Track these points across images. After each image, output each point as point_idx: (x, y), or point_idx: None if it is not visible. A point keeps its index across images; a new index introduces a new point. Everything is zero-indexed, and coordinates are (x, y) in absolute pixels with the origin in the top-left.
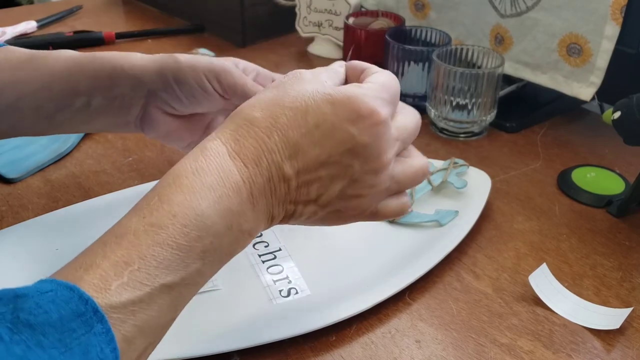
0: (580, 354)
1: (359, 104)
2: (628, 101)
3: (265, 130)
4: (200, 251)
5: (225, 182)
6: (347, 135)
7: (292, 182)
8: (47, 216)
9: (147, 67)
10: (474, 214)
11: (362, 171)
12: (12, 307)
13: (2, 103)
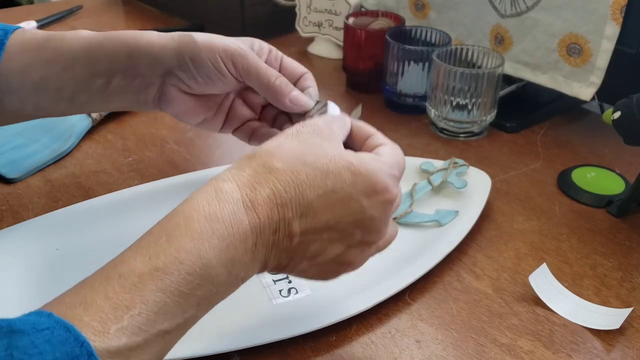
0: (580, 354)
1: (376, 179)
2: (628, 101)
3: (284, 183)
4: (199, 299)
5: (235, 232)
6: (359, 207)
7: (296, 239)
8: (47, 216)
9: (165, 46)
10: (474, 214)
11: (362, 241)
12: (6, 342)
13: (27, 84)
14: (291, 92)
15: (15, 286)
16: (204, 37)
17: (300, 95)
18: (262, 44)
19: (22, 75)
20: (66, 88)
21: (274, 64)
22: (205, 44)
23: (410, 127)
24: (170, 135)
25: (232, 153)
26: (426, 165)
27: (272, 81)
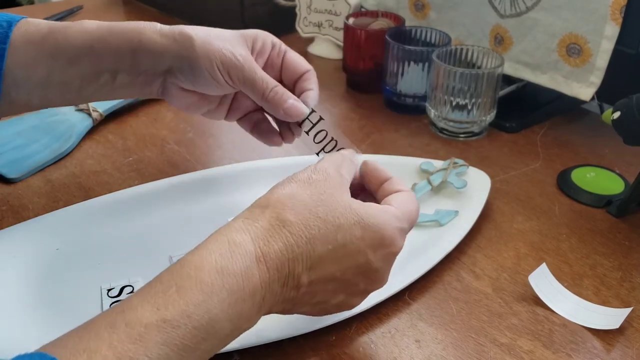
0: (580, 353)
1: (384, 233)
2: (628, 101)
3: (296, 237)
4: (202, 352)
5: (245, 286)
6: (365, 260)
7: (302, 289)
8: (48, 216)
9: (166, 47)
10: (473, 213)
11: (364, 290)
12: None
13: (33, 78)
14: (286, 102)
15: (16, 286)
16: (202, 42)
17: (293, 106)
18: (265, 40)
19: (27, 69)
20: (72, 82)
21: (276, 61)
22: (203, 52)
23: (410, 127)
24: (170, 136)
25: (232, 153)
26: (426, 165)
27: (265, 94)
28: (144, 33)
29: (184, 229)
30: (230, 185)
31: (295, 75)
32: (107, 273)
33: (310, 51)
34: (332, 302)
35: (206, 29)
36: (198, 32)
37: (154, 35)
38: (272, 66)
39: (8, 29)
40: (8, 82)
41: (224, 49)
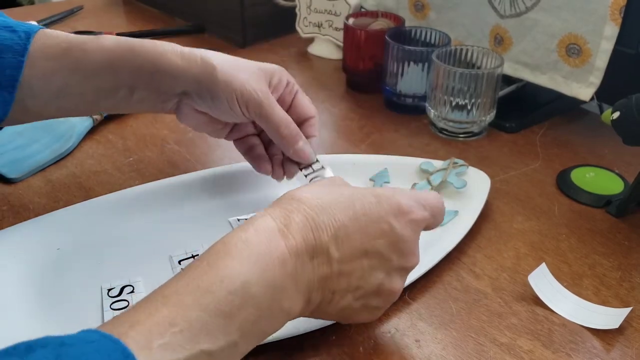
0: (580, 353)
1: (399, 200)
2: (627, 101)
3: (315, 208)
4: (241, 322)
5: (273, 253)
6: (389, 228)
7: (335, 266)
8: (48, 216)
9: (187, 71)
10: (473, 213)
11: (399, 267)
12: (56, 352)
13: (50, 90)
14: (297, 142)
15: (16, 286)
16: (224, 73)
17: (304, 148)
18: (282, 77)
19: (44, 81)
20: (89, 95)
21: (287, 98)
22: (225, 82)
23: (410, 128)
24: (170, 136)
25: (232, 153)
26: (426, 165)
27: (280, 130)
28: (164, 55)
29: (184, 229)
30: (230, 185)
31: (301, 117)
32: (108, 273)
33: (310, 51)
34: (372, 283)
35: (228, 59)
36: (220, 62)
37: (175, 58)
38: (282, 103)
39: (27, 40)
40: (25, 93)
41: (245, 83)
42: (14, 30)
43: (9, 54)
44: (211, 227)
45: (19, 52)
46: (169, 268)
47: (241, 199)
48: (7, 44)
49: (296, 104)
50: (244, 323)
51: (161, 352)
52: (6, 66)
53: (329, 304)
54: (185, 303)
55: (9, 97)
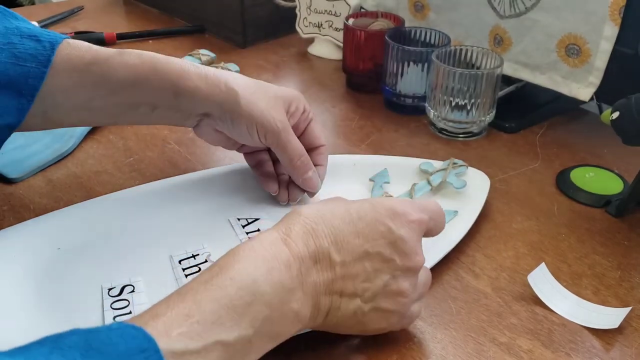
0: (579, 353)
1: (394, 204)
2: (626, 101)
3: (313, 218)
4: (252, 318)
5: (277, 257)
6: (386, 229)
7: (338, 270)
8: (48, 216)
9: (210, 96)
10: (473, 213)
11: (403, 267)
12: (84, 337)
13: (72, 102)
14: (306, 172)
15: (17, 286)
16: (247, 101)
17: (312, 177)
18: (299, 104)
19: (67, 94)
20: (110, 109)
21: (301, 125)
22: (247, 111)
23: (409, 128)
24: (171, 136)
25: (233, 153)
26: (425, 165)
27: (294, 161)
28: (188, 78)
29: (185, 229)
30: (230, 185)
31: (311, 145)
32: (108, 272)
33: (310, 51)
34: (377, 284)
35: (250, 85)
36: (244, 89)
37: (199, 82)
38: (296, 129)
39: (51, 51)
40: (47, 104)
41: (266, 112)
42: (38, 40)
43: (32, 63)
44: (211, 227)
45: (43, 62)
46: (169, 267)
47: (241, 198)
48: (31, 53)
49: (309, 131)
50: (255, 319)
51: (180, 340)
52: (29, 75)
53: (339, 309)
54: (200, 298)
55: (27, 104)
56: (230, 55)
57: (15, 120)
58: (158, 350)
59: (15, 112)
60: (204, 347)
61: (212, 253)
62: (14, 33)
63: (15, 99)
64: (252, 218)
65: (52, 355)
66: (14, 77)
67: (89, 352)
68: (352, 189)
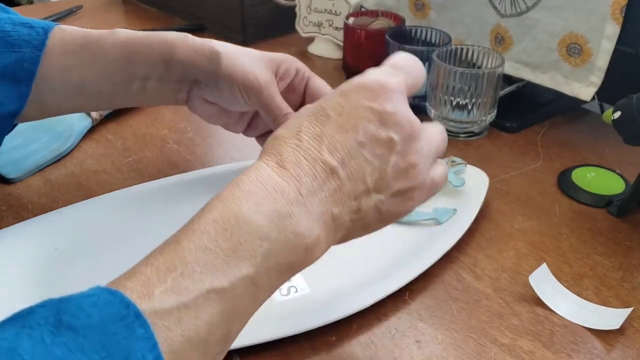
0: (581, 354)
1: (365, 83)
2: (628, 101)
3: (293, 136)
4: (249, 256)
5: (265, 186)
6: (369, 111)
7: (340, 172)
8: (47, 216)
9: (197, 60)
10: (472, 211)
11: (403, 140)
12: (55, 310)
13: (68, 85)
14: None
15: (15, 286)
16: (229, 61)
17: None
18: (289, 66)
19: (62, 76)
20: (105, 90)
21: (298, 86)
22: (228, 70)
23: None
24: (170, 135)
25: (232, 153)
26: None
27: (278, 119)
28: (176, 46)
29: None
30: (227, 184)
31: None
32: (106, 272)
33: (310, 51)
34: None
35: (235, 48)
36: (226, 50)
37: (186, 49)
38: (294, 90)
39: (44, 35)
40: (43, 89)
41: (248, 71)
42: (31, 27)
43: (27, 48)
44: None
45: (37, 46)
46: None
47: None
48: (25, 39)
49: (311, 89)
50: (253, 257)
51: (164, 298)
52: (24, 60)
53: (359, 212)
54: (181, 248)
55: (26, 90)
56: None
57: (17, 107)
58: (139, 314)
59: (16, 99)
60: (195, 299)
61: None
62: (6, 22)
63: (14, 85)
64: None
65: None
66: (10, 64)
67: (59, 328)
68: None
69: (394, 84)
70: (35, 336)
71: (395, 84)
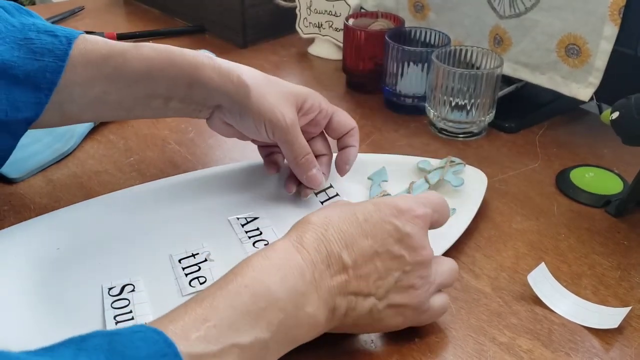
0: (579, 353)
1: (397, 202)
2: (626, 102)
3: (321, 225)
4: (268, 323)
5: (290, 264)
6: (392, 227)
7: (350, 272)
8: (49, 215)
9: (222, 88)
10: (471, 211)
11: (412, 262)
12: (107, 340)
13: (89, 96)
14: (310, 170)
15: (18, 285)
16: (257, 96)
17: (315, 176)
18: (314, 103)
19: (84, 87)
20: (126, 102)
21: (321, 122)
22: (256, 106)
23: (409, 128)
24: (171, 136)
25: (233, 153)
26: (423, 163)
27: (297, 160)
28: (202, 69)
29: (185, 228)
30: (229, 184)
31: (341, 134)
32: (108, 272)
33: (310, 52)
34: (389, 282)
35: (263, 80)
36: (255, 83)
37: (212, 73)
38: (316, 125)
39: (68, 45)
40: (64, 98)
41: (276, 110)
42: (55, 35)
43: (50, 57)
44: (211, 226)
45: (60, 56)
46: (169, 267)
47: (240, 198)
48: (49, 48)
49: (334, 124)
50: (271, 324)
51: (197, 344)
52: (46, 69)
53: (355, 309)
54: (216, 303)
55: (45, 99)
56: (230, 56)
57: (33, 115)
58: (178, 354)
59: (33, 106)
60: (221, 350)
61: (212, 252)
62: (30, 29)
63: (33, 93)
64: (251, 217)
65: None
66: (32, 72)
67: (113, 355)
68: (351, 188)
69: (421, 212)
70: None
71: (421, 213)
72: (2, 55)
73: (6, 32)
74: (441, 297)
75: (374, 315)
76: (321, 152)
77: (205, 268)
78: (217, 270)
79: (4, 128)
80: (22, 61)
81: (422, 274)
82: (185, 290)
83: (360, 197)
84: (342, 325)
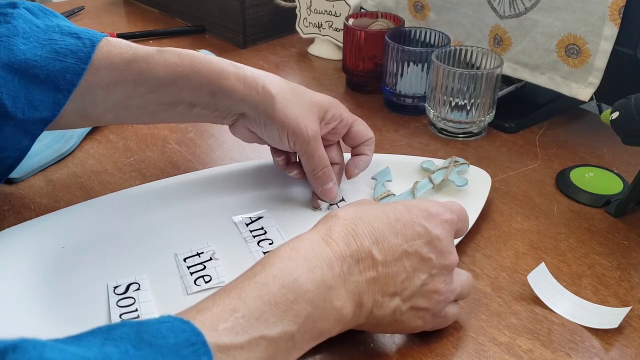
0: (579, 352)
1: (427, 205)
2: (626, 101)
3: (352, 220)
4: (295, 315)
5: (319, 256)
6: (423, 229)
7: (380, 269)
8: (49, 216)
9: (247, 97)
10: (474, 211)
11: (439, 265)
12: (135, 329)
13: (112, 99)
14: (327, 183)
15: (23, 284)
16: (282, 107)
17: (332, 190)
18: (335, 112)
19: (107, 90)
20: (149, 107)
21: (341, 131)
22: (280, 116)
23: (409, 128)
24: (171, 136)
25: (233, 153)
26: (427, 163)
27: (316, 171)
28: (227, 78)
29: (189, 227)
30: (231, 184)
31: (357, 143)
32: (113, 271)
33: (310, 52)
34: (416, 284)
35: (287, 90)
36: (280, 94)
37: (237, 83)
38: (335, 133)
39: (91, 48)
40: (87, 100)
41: (300, 122)
42: (79, 37)
43: (72, 59)
44: (215, 225)
45: (83, 59)
46: (174, 265)
47: (244, 197)
48: (72, 50)
49: (352, 133)
50: (298, 316)
51: (225, 334)
52: (67, 70)
53: (380, 308)
54: (245, 295)
55: (63, 100)
56: (230, 56)
57: (50, 115)
58: (206, 343)
59: (51, 106)
60: (249, 342)
61: (216, 251)
62: (54, 30)
63: (52, 93)
64: (255, 216)
65: (106, 345)
66: (53, 72)
67: (140, 344)
68: (355, 188)
69: (449, 217)
70: (120, 347)
71: (449, 218)
72: (25, 54)
73: (30, 32)
74: (456, 307)
75: (397, 316)
76: (334, 161)
77: (210, 267)
78: (222, 269)
79: (21, 127)
80: (45, 61)
81: (447, 280)
82: (191, 289)
83: (363, 196)
84: (367, 323)
